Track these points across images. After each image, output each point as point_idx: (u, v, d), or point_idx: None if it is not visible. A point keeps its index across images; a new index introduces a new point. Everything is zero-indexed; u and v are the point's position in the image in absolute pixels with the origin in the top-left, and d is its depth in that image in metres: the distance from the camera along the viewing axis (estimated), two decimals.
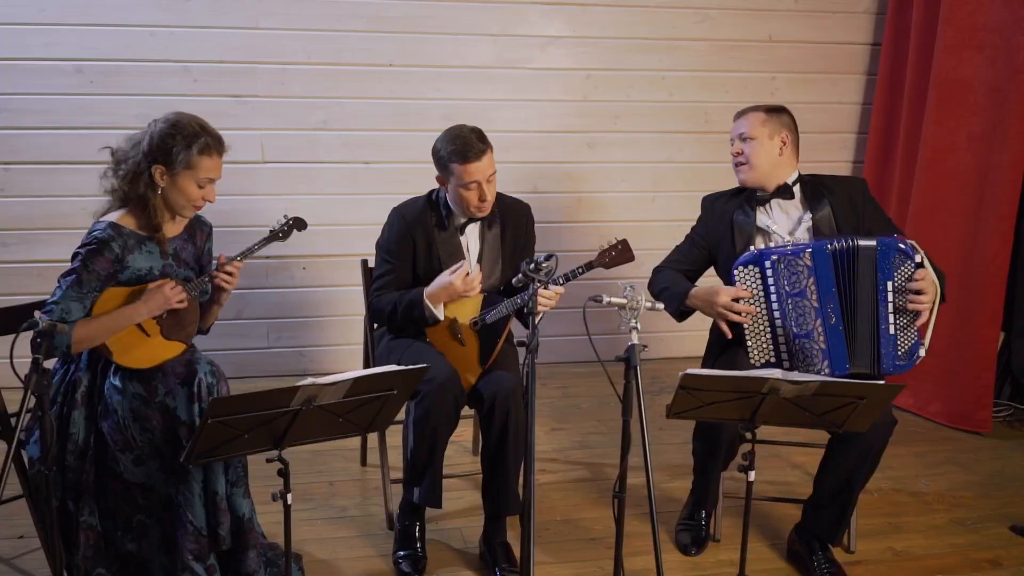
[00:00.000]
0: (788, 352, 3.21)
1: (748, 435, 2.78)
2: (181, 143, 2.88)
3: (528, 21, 4.93)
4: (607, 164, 5.18)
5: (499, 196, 3.46)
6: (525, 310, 2.76)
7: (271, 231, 3.14)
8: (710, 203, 3.54)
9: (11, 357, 2.40)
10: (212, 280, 3.02)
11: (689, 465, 3.49)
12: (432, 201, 3.42)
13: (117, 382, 2.84)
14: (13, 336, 2.34)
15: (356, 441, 4.07)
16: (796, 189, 3.36)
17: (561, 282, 3.26)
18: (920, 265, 3.11)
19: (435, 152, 3.30)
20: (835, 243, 3.13)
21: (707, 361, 3.51)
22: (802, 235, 3.30)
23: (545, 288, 3.07)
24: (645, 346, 2.67)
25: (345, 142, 4.86)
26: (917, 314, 3.13)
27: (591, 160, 5.16)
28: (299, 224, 3.19)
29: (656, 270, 3.56)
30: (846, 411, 2.68)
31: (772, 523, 3.59)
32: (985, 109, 4.44)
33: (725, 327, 3.24)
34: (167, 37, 4.56)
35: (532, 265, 2.77)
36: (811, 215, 3.31)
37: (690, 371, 2.56)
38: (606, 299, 2.68)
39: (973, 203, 4.51)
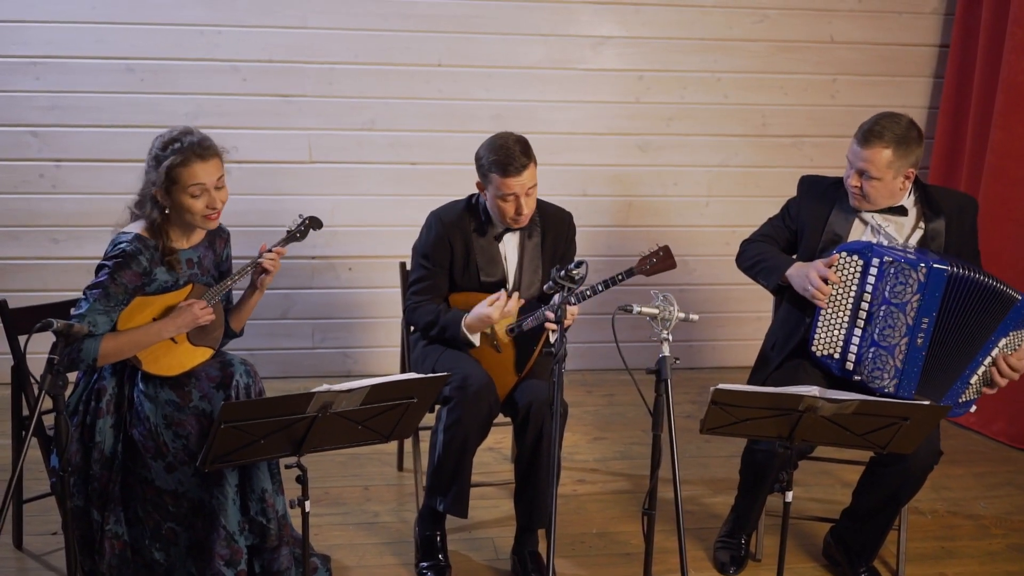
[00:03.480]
0: (856, 355, 3.07)
1: (787, 454, 2.67)
2: (161, 162, 2.82)
3: (579, 21, 4.83)
4: (659, 167, 5.06)
5: (542, 204, 3.39)
6: (554, 318, 2.68)
7: (288, 231, 3.10)
8: (808, 185, 3.35)
9: (24, 354, 2.38)
10: (258, 264, 2.98)
11: (734, 480, 3.37)
12: (472, 206, 3.35)
13: (148, 390, 2.82)
14: (27, 336, 2.32)
15: (393, 445, 4.02)
16: (911, 202, 3.17)
17: (573, 301, 3.15)
18: None
19: (477, 158, 3.23)
20: (959, 269, 2.93)
21: (758, 372, 3.37)
22: (913, 245, 3.14)
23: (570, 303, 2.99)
24: (677, 359, 2.58)
25: (392, 142, 4.81)
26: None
27: (643, 163, 5.04)
28: (315, 223, 3.15)
29: (746, 242, 3.42)
30: (889, 432, 2.55)
31: (818, 542, 3.46)
32: None
33: (808, 296, 3.10)
34: (216, 36, 4.57)
35: (562, 272, 2.69)
36: (924, 225, 3.15)
37: (722, 386, 2.46)
38: (636, 308, 2.59)
39: None
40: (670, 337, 2.58)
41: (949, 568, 3.38)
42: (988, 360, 3.01)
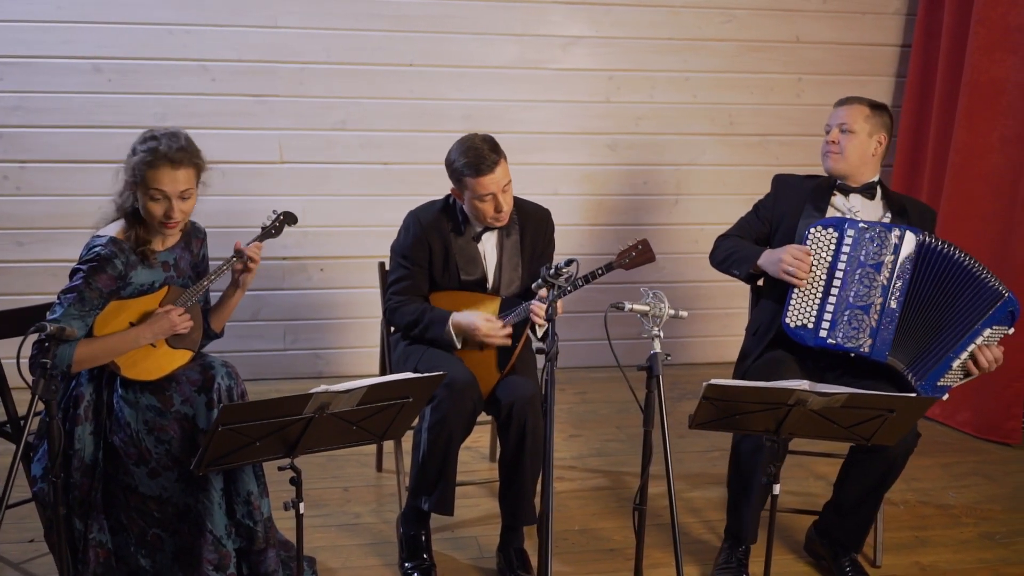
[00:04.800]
0: (831, 320, 3.14)
1: (774, 448, 2.70)
2: (135, 156, 2.77)
3: (550, 21, 4.85)
4: (629, 166, 5.10)
5: (519, 201, 3.40)
6: (545, 316, 2.69)
7: (263, 228, 3.06)
8: (782, 181, 3.48)
9: (18, 359, 2.35)
10: (240, 260, 2.95)
11: (710, 474, 3.41)
12: (449, 206, 3.35)
13: (128, 395, 2.79)
14: (21, 339, 2.29)
15: (371, 446, 4.01)
16: (878, 191, 3.34)
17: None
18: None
19: (448, 164, 3.22)
20: (932, 240, 3.09)
21: (741, 364, 3.42)
22: None
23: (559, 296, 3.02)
24: (668, 355, 2.60)
25: (364, 143, 4.80)
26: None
27: (613, 162, 5.08)
28: (290, 219, 3.12)
29: (721, 237, 3.48)
30: (874, 424, 2.60)
31: (796, 535, 3.51)
32: (1019, 112, 4.34)
33: (787, 277, 3.17)
34: (185, 35, 4.52)
35: (552, 270, 2.70)
36: (892, 216, 3.29)
37: (714, 381, 2.48)
38: (628, 306, 2.60)
39: (1005, 207, 4.41)
40: (661, 334, 2.60)
41: (924, 557, 3.45)
42: (971, 348, 3.10)
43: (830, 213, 3.31)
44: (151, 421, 2.77)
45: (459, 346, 3.24)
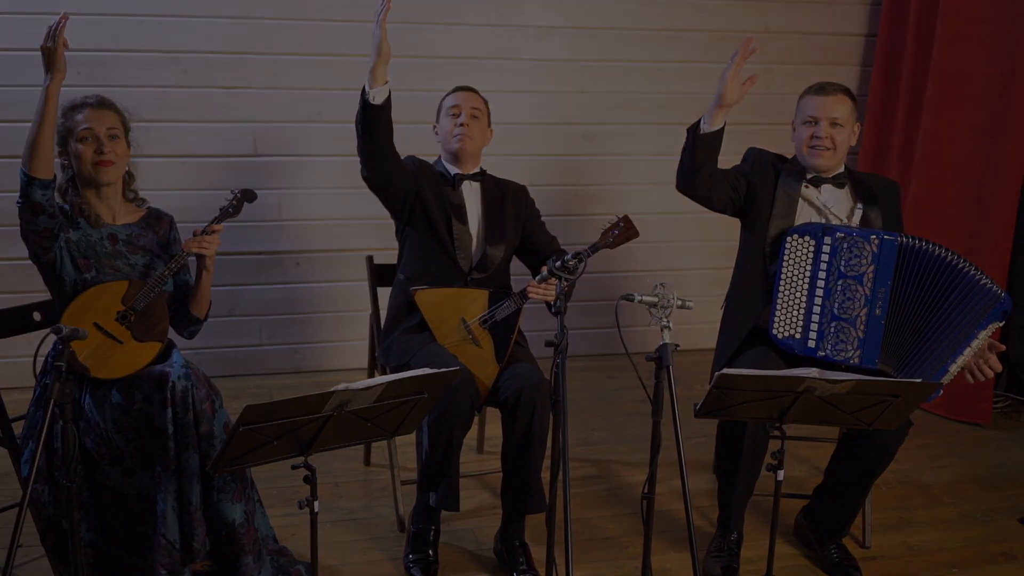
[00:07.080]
0: (818, 331, 3.15)
1: (777, 433, 2.74)
2: (60, 120, 2.85)
3: (525, 11, 4.85)
4: (604, 157, 5.12)
5: (496, 178, 3.55)
6: (553, 309, 2.70)
7: (221, 208, 3.03)
8: (757, 152, 3.45)
9: (35, 361, 2.30)
10: (186, 253, 2.93)
11: (695, 460, 3.42)
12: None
13: (97, 394, 2.75)
14: (39, 341, 2.24)
15: None
16: (846, 179, 3.32)
17: (538, 281, 3.17)
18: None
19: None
20: (909, 240, 3.07)
21: (720, 358, 3.43)
22: (855, 224, 3.25)
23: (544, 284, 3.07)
24: (677, 345, 2.62)
25: (339, 135, 4.73)
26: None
27: (588, 153, 5.09)
28: (248, 195, 3.10)
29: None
30: (878, 409, 2.64)
31: (783, 518, 3.55)
32: (985, 101, 4.44)
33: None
34: (156, 26, 4.43)
35: (559, 263, 2.72)
36: (863, 207, 3.27)
37: (727, 371, 2.51)
38: (638, 297, 2.63)
39: (973, 194, 4.51)
40: (670, 324, 2.62)
41: (911, 537, 3.52)
42: (966, 353, 3.11)
43: (802, 207, 3.28)
44: (118, 420, 2.73)
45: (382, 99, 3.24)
